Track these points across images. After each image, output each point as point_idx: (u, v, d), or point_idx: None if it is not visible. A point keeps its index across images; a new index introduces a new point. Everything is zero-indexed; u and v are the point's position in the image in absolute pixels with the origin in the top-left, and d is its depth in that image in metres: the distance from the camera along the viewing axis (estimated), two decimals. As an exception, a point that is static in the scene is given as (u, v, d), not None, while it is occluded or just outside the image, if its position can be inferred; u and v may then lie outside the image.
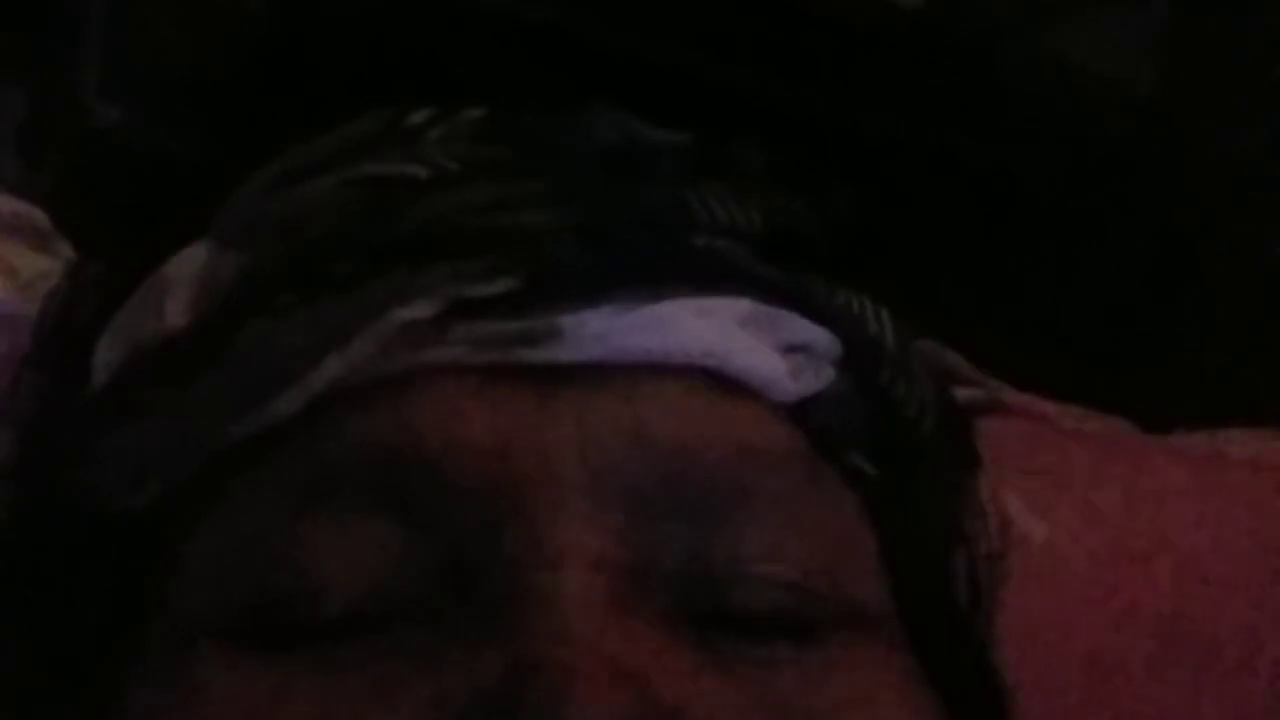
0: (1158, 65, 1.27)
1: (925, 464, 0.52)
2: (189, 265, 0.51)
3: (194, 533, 0.48)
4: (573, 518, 0.45)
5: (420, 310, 0.47)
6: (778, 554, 0.47)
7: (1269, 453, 0.79)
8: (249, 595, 0.46)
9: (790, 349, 0.49)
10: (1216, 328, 1.21)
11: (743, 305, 0.49)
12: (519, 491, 0.45)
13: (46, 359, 0.54)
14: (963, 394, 0.65)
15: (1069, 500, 0.75)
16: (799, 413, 0.49)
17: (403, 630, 0.45)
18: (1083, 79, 1.25)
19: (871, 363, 0.51)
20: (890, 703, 0.48)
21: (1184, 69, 1.27)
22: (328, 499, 0.46)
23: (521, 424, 0.46)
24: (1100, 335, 1.20)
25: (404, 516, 0.46)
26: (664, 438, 0.47)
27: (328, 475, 0.47)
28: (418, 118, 0.52)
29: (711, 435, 0.47)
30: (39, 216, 0.75)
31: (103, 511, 0.50)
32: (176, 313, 0.50)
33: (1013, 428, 0.77)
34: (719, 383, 0.48)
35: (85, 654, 0.50)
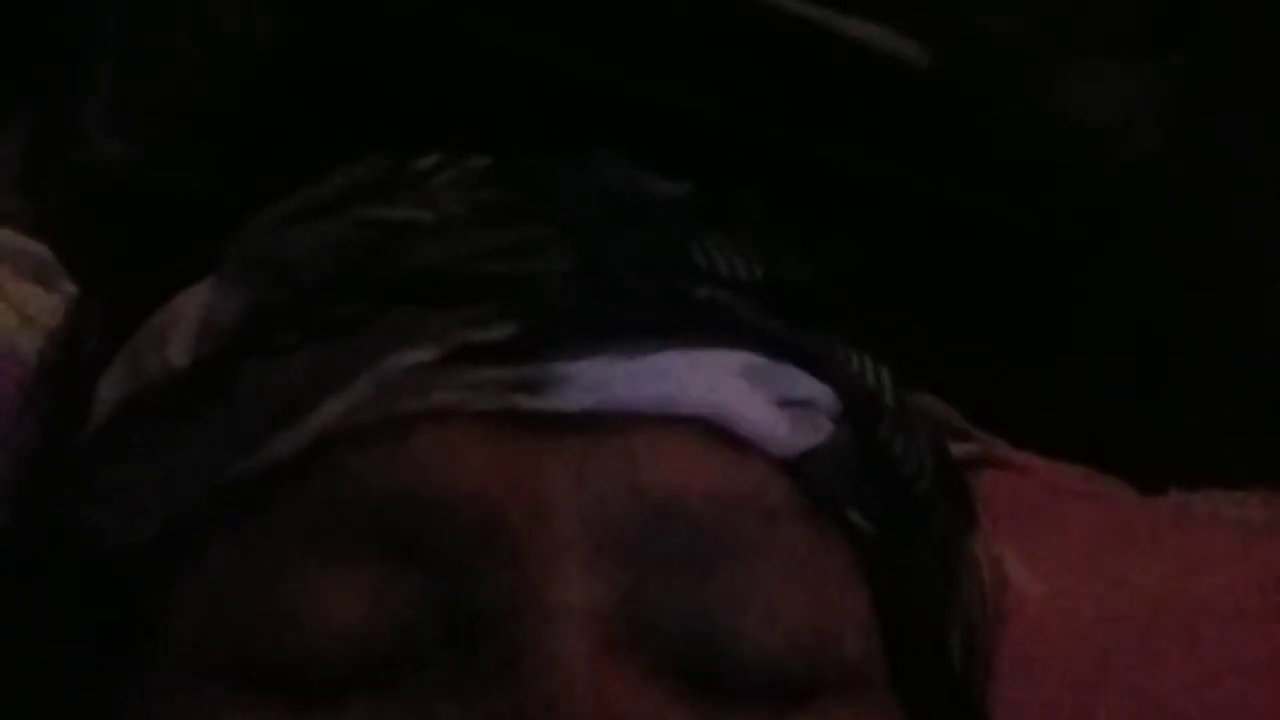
0: (1161, 122, 1.27)
1: (922, 522, 0.52)
2: (192, 303, 0.51)
3: (190, 572, 0.48)
4: (568, 569, 0.45)
5: (421, 354, 0.47)
6: (772, 613, 0.47)
7: (1263, 513, 0.79)
8: (243, 636, 0.46)
9: (789, 403, 0.49)
10: (1213, 388, 1.21)
11: (742, 358, 0.49)
12: (515, 541, 0.45)
13: (49, 395, 0.54)
14: (956, 448, 0.64)
15: (1063, 557, 0.75)
16: (796, 467, 0.49)
17: (397, 677, 0.45)
18: (1086, 135, 1.26)
19: (870, 419, 0.51)
20: None
21: (1187, 126, 1.28)
22: (324, 541, 0.46)
23: (519, 472, 0.46)
24: (1096, 393, 1.20)
25: (400, 561, 0.46)
26: (661, 489, 0.47)
27: (325, 517, 0.46)
28: (424, 163, 0.53)
29: (708, 488, 0.47)
30: (44, 253, 0.75)
31: (99, 548, 0.50)
32: (178, 351, 0.50)
33: (1006, 483, 0.77)
34: (717, 435, 0.48)
35: (76, 690, 0.50)
